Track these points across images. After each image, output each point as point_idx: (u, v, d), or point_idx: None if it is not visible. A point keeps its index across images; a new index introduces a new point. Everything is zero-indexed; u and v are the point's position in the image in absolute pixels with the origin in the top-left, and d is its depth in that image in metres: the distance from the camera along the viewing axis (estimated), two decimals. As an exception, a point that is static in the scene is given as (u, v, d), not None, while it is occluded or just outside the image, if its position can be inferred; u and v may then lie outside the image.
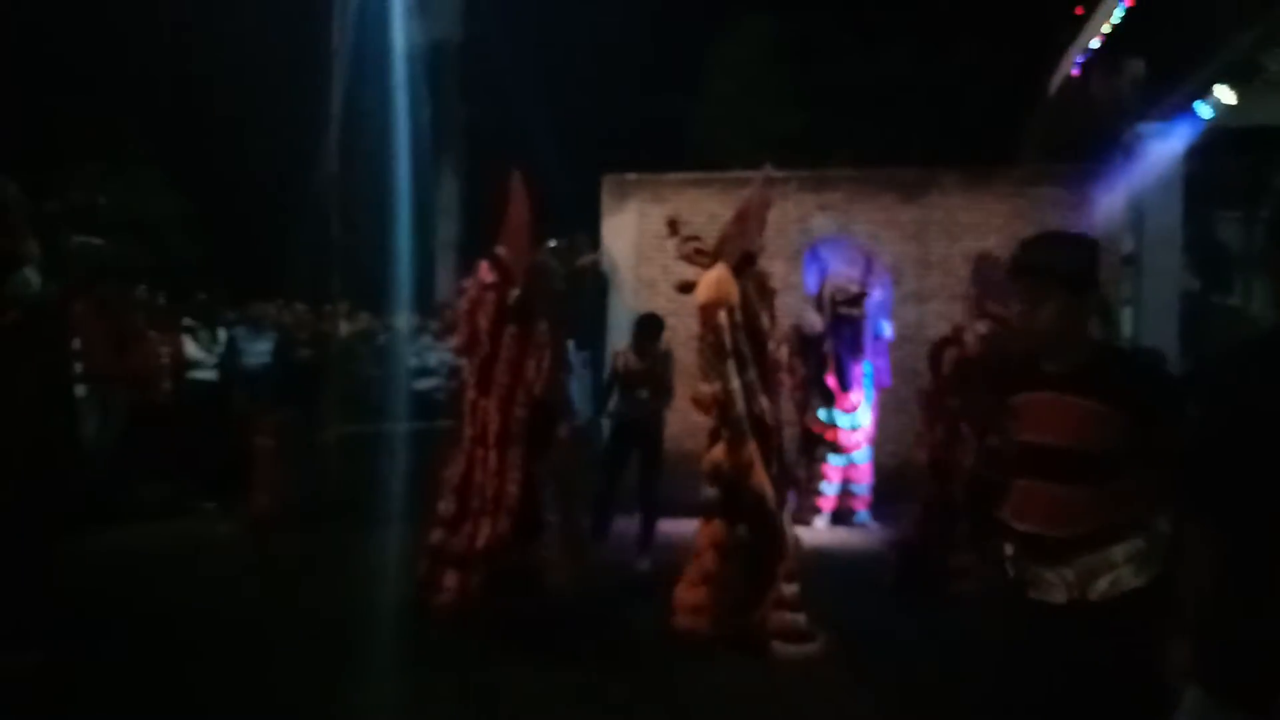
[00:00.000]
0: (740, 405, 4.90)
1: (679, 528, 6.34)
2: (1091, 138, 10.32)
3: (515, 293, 5.44)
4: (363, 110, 12.16)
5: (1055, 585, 2.45)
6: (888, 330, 8.54)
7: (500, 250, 5.53)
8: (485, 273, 5.57)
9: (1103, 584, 2.40)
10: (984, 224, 9.79)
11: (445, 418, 8.80)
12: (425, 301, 11.48)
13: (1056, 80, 11.08)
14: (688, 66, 16.09)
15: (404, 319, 10.11)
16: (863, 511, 8.45)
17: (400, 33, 12.44)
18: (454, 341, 6.33)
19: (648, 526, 6.75)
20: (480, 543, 5.26)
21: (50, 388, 5.07)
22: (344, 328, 9.76)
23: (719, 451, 4.95)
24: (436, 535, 5.44)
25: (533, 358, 5.45)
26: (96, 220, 12.59)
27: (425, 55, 13.45)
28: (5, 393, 4.41)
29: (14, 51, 12.84)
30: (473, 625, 5.11)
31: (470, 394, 5.55)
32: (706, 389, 4.95)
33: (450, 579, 5.32)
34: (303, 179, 11.46)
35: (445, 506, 5.46)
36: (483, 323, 5.51)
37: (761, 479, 4.91)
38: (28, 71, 13.13)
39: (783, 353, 8.45)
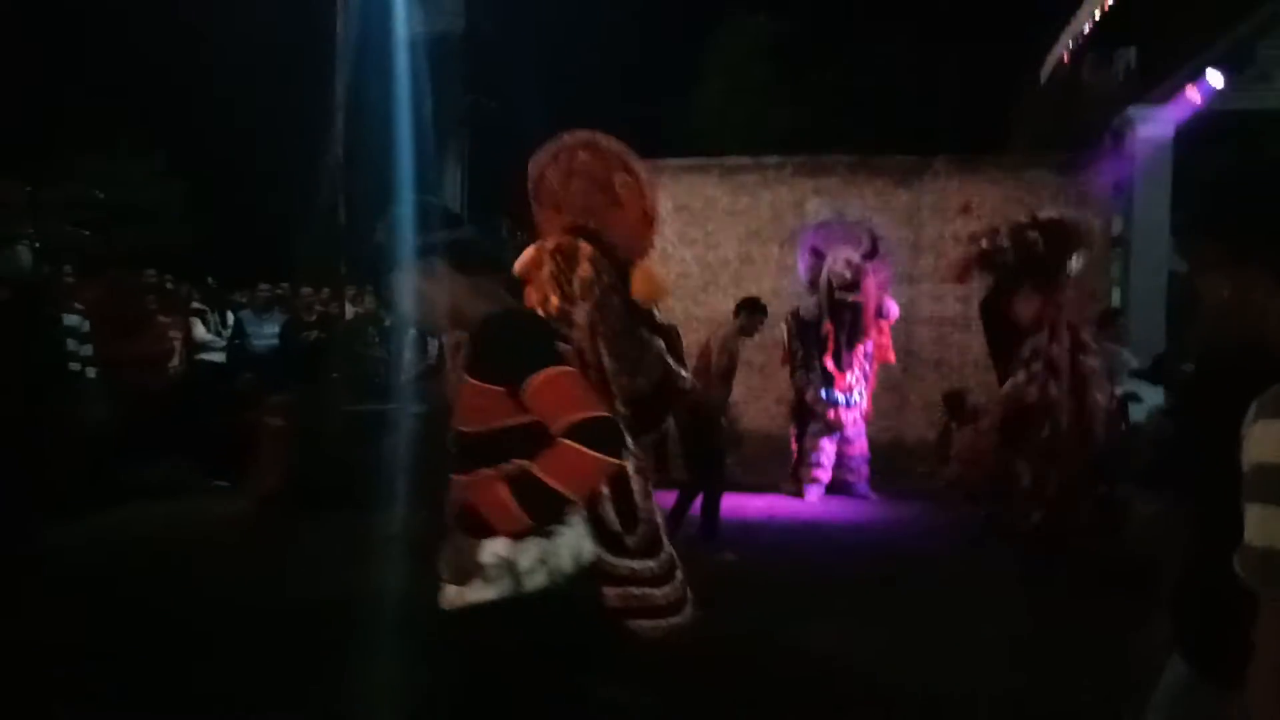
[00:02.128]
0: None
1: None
2: (1082, 124, 10.52)
3: None
4: (367, 99, 12.33)
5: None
6: (894, 309, 8.67)
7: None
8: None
9: (450, 591, 2.14)
10: (976, 208, 9.99)
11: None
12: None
13: (1047, 67, 11.26)
14: (684, 64, 16.30)
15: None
16: (862, 484, 8.69)
17: (403, 23, 12.61)
18: None
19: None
20: None
21: (42, 364, 5.11)
22: (350, 311, 9.93)
23: None
24: None
25: None
26: (93, 208, 12.74)
27: (428, 46, 13.60)
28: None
29: (13, 41, 12.99)
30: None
31: None
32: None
33: None
34: (308, 167, 11.62)
35: None
36: None
37: None
38: (27, 61, 13.29)
39: (782, 333, 8.73)
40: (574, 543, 2.23)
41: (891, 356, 8.62)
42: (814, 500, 8.41)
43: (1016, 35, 11.82)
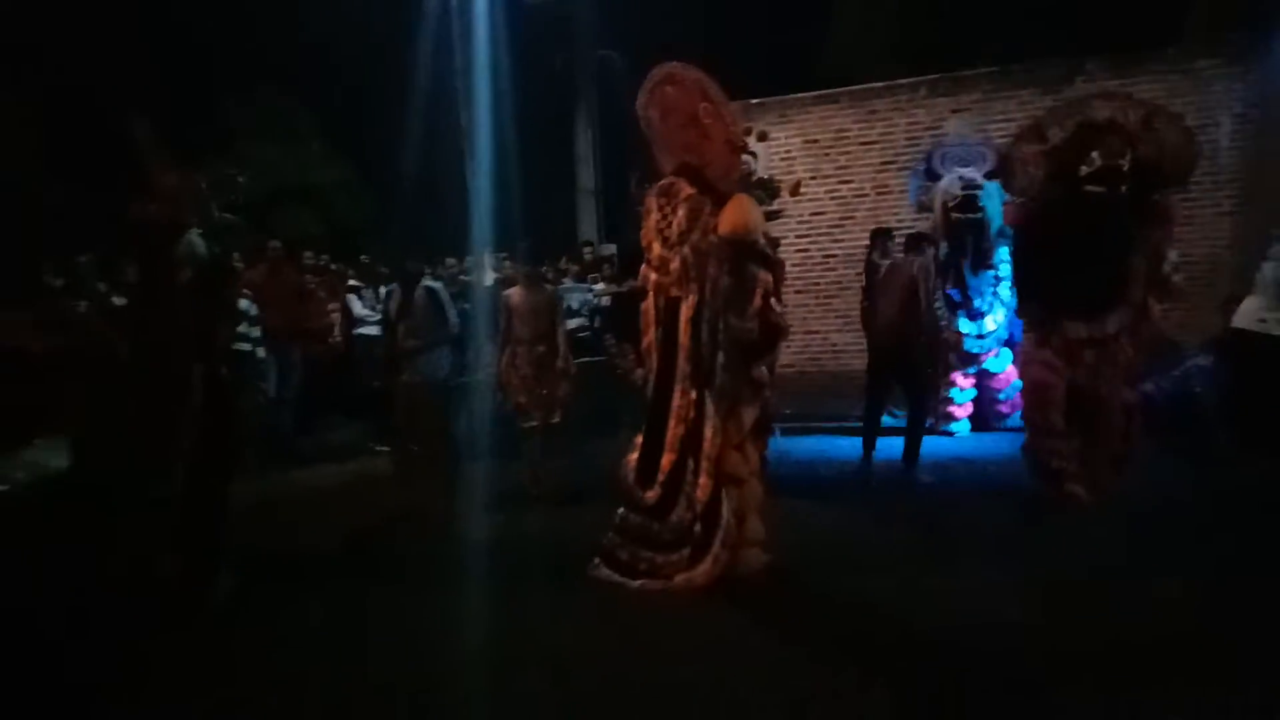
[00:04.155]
0: None
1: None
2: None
3: None
4: (497, 65, 12.56)
5: None
6: None
7: None
8: None
9: None
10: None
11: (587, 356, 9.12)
12: (569, 246, 11.82)
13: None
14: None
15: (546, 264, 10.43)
16: (1012, 417, 8.07)
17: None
18: None
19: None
20: None
21: (221, 338, 5.63)
22: (489, 276, 10.21)
23: None
24: None
25: None
26: (238, 193, 13.63)
27: (556, 7, 13.72)
28: (185, 342, 4.93)
29: (189, 43, 13.93)
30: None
31: None
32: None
33: None
34: (443, 137, 11.96)
35: None
36: None
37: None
38: (202, 64, 14.28)
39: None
40: None
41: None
42: (958, 437, 8.00)
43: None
